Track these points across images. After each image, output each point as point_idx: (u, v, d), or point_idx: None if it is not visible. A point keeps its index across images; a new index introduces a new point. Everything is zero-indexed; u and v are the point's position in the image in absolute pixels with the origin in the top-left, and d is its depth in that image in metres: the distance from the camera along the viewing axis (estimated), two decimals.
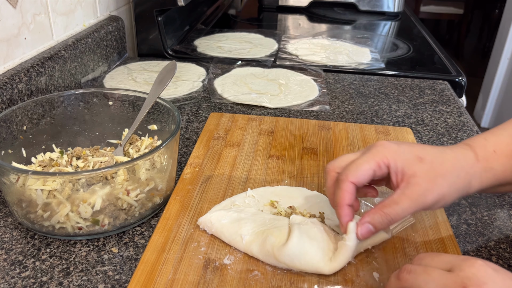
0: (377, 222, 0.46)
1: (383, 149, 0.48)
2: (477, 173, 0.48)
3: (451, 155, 0.48)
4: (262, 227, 0.51)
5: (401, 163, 0.47)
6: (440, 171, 0.46)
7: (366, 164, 0.47)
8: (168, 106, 0.63)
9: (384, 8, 1.72)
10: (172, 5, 1.11)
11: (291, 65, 1.13)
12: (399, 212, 0.45)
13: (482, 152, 0.49)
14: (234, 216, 0.53)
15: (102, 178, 0.51)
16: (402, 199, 0.45)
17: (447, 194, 0.47)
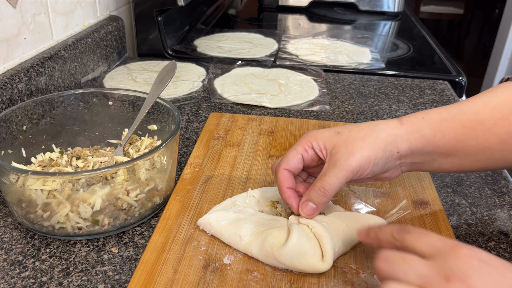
0: (314, 198, 0.49)
1: (306, 135, 0.53)
2: (401, 134, 0.50)
3: (370, 123, 0.52)
4: (261, 228, 0.51)
5: (322, 140, 0.51)
6: (357, 136, 0.50)
7: (293, 150, 0.53)
8: (168, 106, 0.63)
9: (384, 8, 1.72)
10: (172, 5, 1.11)
11: (291, 65, 1.13)
12: (330, 182, 0.49)
13: (407, 119, 0.52)
14: (233, 217, 0.53)
15: (102, 178, 0.51)
16: (328, 169, 0.49)
17: (371, 155, 0.49)
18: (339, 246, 0.48)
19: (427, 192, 0.61)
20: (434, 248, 0.36)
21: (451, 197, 0.64)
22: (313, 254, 0.47)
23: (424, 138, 0.50)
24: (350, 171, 0.49)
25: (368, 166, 0.49)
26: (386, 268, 0.37)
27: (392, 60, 1.21)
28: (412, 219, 0.56)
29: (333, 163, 0.49)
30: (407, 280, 0.35)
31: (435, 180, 0.67)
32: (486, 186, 0.67)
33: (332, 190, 0.49)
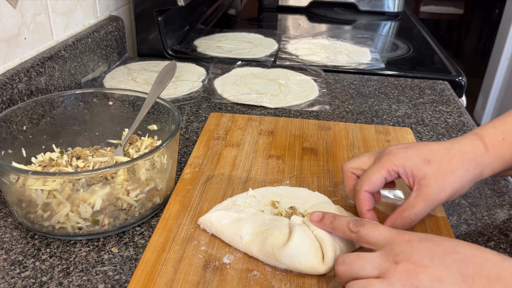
0: (399, 225, 0.51)
1: (392, 157, 0.52)
2: (487, 163, 0.51)
3: (458, 150, 0.51)
4: (261, 228, 0.51)
5: (410, 168, 0.51)
6: (449, 169, 0.50)
7: (377, 173, 0.52)
8: (168, 106, 0.63)
9: (384, 8, 1.72)
10: (172, 5, 1.11)
11: (291, 65, 1.13)
12: (417, 213, 0.50)
13: (491, 141, 0.52)
14: (234, 216, 0.53)
15: (102, 178, 0.51)
16: (417, 201, 0.50)
17: (459, 188, 0.50)
18: (340, 248, 0.48)
19: None
20: (383, 238, 0.42)
21: None
22: (314, 256, 0.47)
23: (505, 163, 0.52)
24: (438, 204, 0.50)
25: (454, 197, 0.51)
26: (345, 269, 0.42)
27: (392, 60, 1.21)
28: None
29: (423, 196, 0.50)
30: (365, 273, 0.40)
31: None
32: (486, 186, 0.67)
33: (418, 220, 0.51)
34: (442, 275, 0.37)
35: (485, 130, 0.53)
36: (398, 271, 0.38)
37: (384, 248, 0.41)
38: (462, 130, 0.83)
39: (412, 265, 0.38)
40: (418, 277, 0.37)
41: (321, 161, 0.68)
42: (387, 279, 0.38)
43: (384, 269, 0.39)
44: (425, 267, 0.38)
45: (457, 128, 0.84)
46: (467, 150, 0.51)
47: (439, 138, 0.80)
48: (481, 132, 0.53)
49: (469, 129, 0.84)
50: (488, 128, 0.54)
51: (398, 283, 0.38)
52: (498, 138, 0.52)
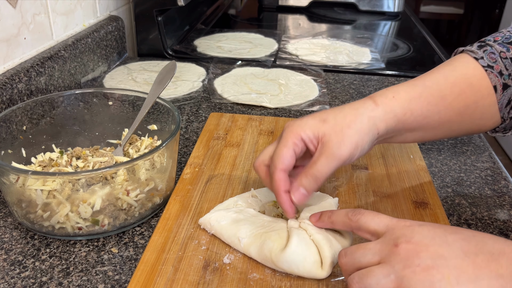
0: (306, 184, 0.50)
1: (291, 128, 0.52)
2: (379, 116, 0.52)
3: (350, 108, 0.53)
4: (260, 230, 0.50)
5: (310, 130, 0.51)
6: (344, 123, 0.51)
7: (284, 148, 0.51)
8: (168, 106, 0.63)
9: (384, 8, 1.72)
10: (172, 5, 1.11)
11: (291, 65, 1.12)
12: (320, 169, 0.49)
13: (380, 99, 0.54)
14: (233, 217, 0.52)
15: (102, 178, 0.51)
16: (320, 158, 0.50)
17: (359, 141, 0.51)
18: (338, 251, 0.48)
19: (427, 192, 0.61)
20: (384, 225, 0.42)
21: (451, 197, 0.64)
22: (312, 261, 0.46)
23: (396, 118, 0.53)
24: (341, 160, 0.50)
25: (357, 152, 0.51)
26: (347, 260, 0.42)
27: (392, 60, 1.21)
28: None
29: (324, 151, 0.50)
30: (366, 261, 0.40)
31: (435, 180, 0.67)
32: (486, 186, 0.67)
33: (323, 178, 0.50)
34: (444, 252, 0.37)
35: (376, 93, 0.55)
36: (398, 253, 0.38)
37: (384, 234, 0.41)
38: None
39: (413, 245, 0.38)
40: (419, 256, 0.37)
41: None
42: (387, 262, 0.38)
43: (384, 254, 0.39)
44: (426, 246, 0.38)
45: None
46: (358, 106, 0.53)
47: None
48: (372, 95, 0.55)
49: None
50: (380, 92, 0.55)
51: (399, 265, 0.37)
52: (388, 96, 0.54)
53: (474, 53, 0.56)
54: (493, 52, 0.55)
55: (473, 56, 0.55)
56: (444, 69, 0.56)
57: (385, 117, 0.53)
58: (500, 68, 0.54)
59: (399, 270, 0.37)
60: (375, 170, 0.66)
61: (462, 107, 0.55)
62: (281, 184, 0.50)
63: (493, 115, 0.56)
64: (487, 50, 0.55)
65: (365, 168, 0.67)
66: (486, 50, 0.55)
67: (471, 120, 0.56)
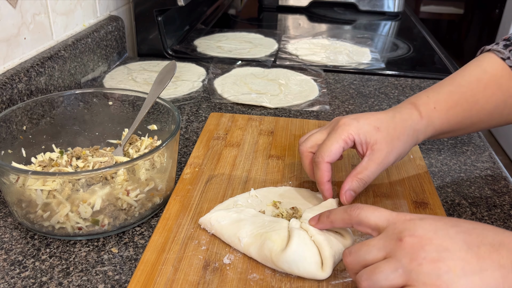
0: (355, 187, 0.56)
1: (347, 127, 0.56)
2: (422, 129, 0.59)
3: (400, 119, 0.58)
4: (260, 230, 0.50)
5: (363, 135, 0.56)
6: (395, 135, 0.56)
7: (336, 143, 0.55)
8: (168, 106, 0.63)
9: (384, 8, 1.72)
10: (172, 5, 1.11)
11: (291, 65, 1.12)
12: (370, 175, 0.56)
13: (425, 109, 0.59)
14: (233, 217, 0.52)
15: (102, 178, 0.51)
16: (370, 164, 0.56)
17: (403, 151, 0.58)
18: (340, 252, 0.48)
19: (427, 192, 0.61)
20: (385, 219, 0.42)
21: (451, 197, 0.64)
22: (313, 262, 0.46)
23: (435, 129, 0.60)
24: (388, 166, 0.57)
25: (399, 158, 0.58)
26: (352, 258, 0.42)
27: (392, 60, 1.21)
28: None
29: (375, 159, 0.55)
30: (371, 257, 0.40)
31: (435, 180, 0.67)
32: (486, 186, 0.67)
33: (370, 181, 0.56)
34: (448, 244, 0.38)
35: (420, 99, 0.60)
36: (403, 247, 0.39)
37: (386, 229, 0.41)
38: None
39: (417, 238, 0.39)
40: (425, 249, 0.38)
41: None
42: (393, 257, 0.39)
43: (389, 248, 0.39)
44: (430, 239, 0.38)
45: None
46: (406, 118, 0.58)
47: (439, 138, 0.80)
48: (416, 101, 0.60)
49: None
50: (422, 97, 0.60)
51: (405, 259, 0.38)
52: (430, 107, 0.59)
53: (501, 53, 0.59)
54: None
55: (500, 57, 0.59)
56: (475, 70, 0.60)
57: (426, 129, 0.59)
58: None
59: (406, 264, 0.38)
60: None
61: (492, 108, 0.59)
62: (325, 175, 0.56)
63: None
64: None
65: None
66: (511, 50, 0.59)
67: (499, 117, 0.60)
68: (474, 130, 0.64)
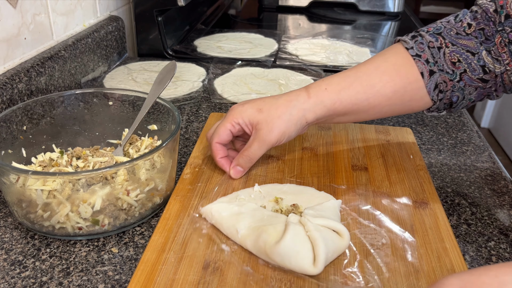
0: (242, 163, 0.63)
1: (232, 112, 0.63)
2: (309, 107, 0.61)
3: (284, 99, 0.62)
4: (258, 223, 0.51)
5: (247, 117, 0.62)
6: (276, 114, 0.61)
7: (222, 127, 0.63)
8: (168, 106, 0.63)
9: (384, 8, 1.72)
10: (172, 5, 1.11)
11: (291, 65, 1.13)
12: (253, 151, 0.62)
13: (314, 90, 0.62)
14: (234, 210, 0.53)
15: (102, 178, 0.51)
16: (253, 142, 0.62)
17: (286, 130, 0.61)
18: (334, 250, 0.48)
19: (427, 192, 0.61)
20: None
21: (451, 197, 0.64)
22: (305, 257, 0.46)
23: (326, 107, 0.62)
24: (270, 144, 0.61)
25: (283, 138, 0.62)
26: None
27: None
28: (412, 220, 0.56)
29: (257, 137, 0.61)
30: None
31: (435, 180, 0.67)
32: (486, 186, 0.67)
33: (256, 157, 0.62)
34: None
35: (313, 84, 0.63)
36: None
37: None
38: (462, 130, 0.83)
39: None
40: None
41: (321, 161, 0.68)
42: None
43: None
44: None
45: (457, 128, 0.84)
46: (292, 98, 0.62)
47: (439, 138, 0.80)
48: (309, 85, 0.63)
49: (469, 129, 0.84)
50: (317, 82, 0.64)
51: None
52: (321, 88, 0.62)
53: (406, 43, 0.64)
54: (422, 42, 0.62)
55: (405, 46, 0.63)
56: (377, 59, 0.64)
57: (314, 108, 0.62)
58: (427, 57, 0.61)
59: None
60: (375, 170, 0.66)
61: (390, 93, 0.62)
62: (217, 153, 0.64)
63: (422, 97, 0.62)
64: (418, 40, 0.63)
65: (365, 168, 0.67)
66: (416, 41, 0.63)
67: (401, 102, 0.63)
68: (377, 114, 0.64)
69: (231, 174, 0.63)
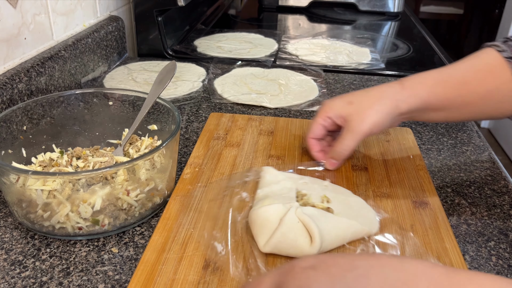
0: (335, 155, 0.64)
1: (323, 107, 0.65)
2: (403, 98, 0.61)
3: (376, 90, 0.63)
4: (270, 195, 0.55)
5: (338, 111, 0.64)
6: (367, 105, 0.62)
7: (314, 122, 0.66)
8: (168, 106, 0.63)
9: (384, 8, 1.72)
10: (172, 5, 1.11)
11: (291, 65, 1.13)
12: (347, 144, 0.62)
13: (409, 83, 0.62)
14: (279, 177, 0.59)
15: (102, 178, 0.51)
16: (345, 134, 0.63)
17: (378, 120, 0.61)
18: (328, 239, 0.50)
19: (427, 192, 0.61)
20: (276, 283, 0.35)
21: (451, 197, 0.64)
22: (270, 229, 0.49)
23: (420, 100, 0.61)
24: (362, 134, 0.62)
25: (376, 128, 0.62)
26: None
27: (392, 60, 1.21)
28: (412, 220, 0.56)
29: (349, 129, 0.62)
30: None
31: (435, 180, 0.67)
32: (486, 186, 0.67)
33: (349, 150, 0.63)
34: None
35: (405, 78, 0.63)
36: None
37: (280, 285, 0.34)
38: (462, 130, 0.83)
39: None
40: None
41: None
42: None
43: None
44: None
45: (457, 128, 0.84)
46: (384, 89, 0.63)
47: (439, 138, 0.80)
48: (401, 80, 0.63)
49: (469, 129, 0.84)
50: (408, 77, 0.63)
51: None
52: (416, 81, 0.62)
53: (498, 47, 0.63)
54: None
55: (497, 49, 0.62)
56: (470, 59, 0.63)
57: (408, 99, 0.61)
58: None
59: None
60: (375, 170, 0.66)
61: (483, 91, 0.61)
62: (312, 147, 0.67)
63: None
64: (510, 44, 0.62)
65: (365, 168, 0.67)
66: (509, 45, 0.62)
67: (492, 103, 0.62)
68: (469, 114, 0.64)
69: (326, 166, 0.65)
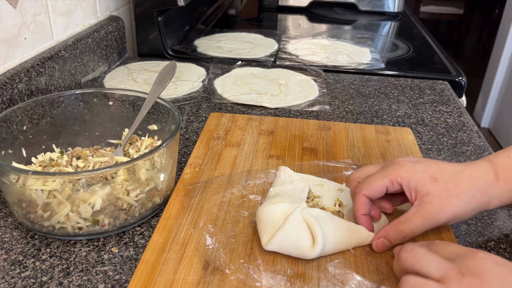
0: (391, 238, 0.49)
1: (399, 168, 0.50)
2: (496, 194, 0.49)
3: (468, 175, 0.49)
4: (281, 194, 0.55)
5: (415, 182, 0.49)
6: (454, 191, 0.48)
7: (379, 180, 0.50)
8: (168, 106, 0.63)
9: (384, 8, 1.72)
10: (172, 5, 1.11)
11: (291, 65, 1.13)
12: (412, 229, 0.49)
13: (503, 171, 0.50)
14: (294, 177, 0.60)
15: (102, 178, 0.51)
16: (415, 217, 0.48)
17: (461, 213, 0.49)
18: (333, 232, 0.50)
19: None
20: (455, 253, 0.39)
21: None
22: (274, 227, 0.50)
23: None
24: (437, 224, 0.49)
25: (454, 220, 0.49)
26: (410, 257, 0.40)
27: (392, 60, 1.21)
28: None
29: (422, 212, 0.48)
30: (428, 271, 0.38)
31: None
32: None
33: (412, 236, 0.49)
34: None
35: (499, 159, 0.51)
36: (461, 284, 0.36)
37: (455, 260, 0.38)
38: (462, 130, 0.83)
39: (479, 282, 0.36)
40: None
41: (321, 161, 0.68)
42: (447, 286, 0.37)
43: (448, 276, 0.37)
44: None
45: (457, 128, 0.84)
46: (477, 177, 0.49)
47: (439, 138, 0.80)
48: (494, 160, 0.51)
49: (469, 129, 0.84)
50: (502, 156, 0.51)
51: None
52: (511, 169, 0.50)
53: None
54: None
55: None
56: None
57: (502, 195, 0.50)
58: None
59: None
60: None
61: None
62: (360, 208, 0.51)
63: None
64: None
65: None
66: None
67: None
68: None
69: (373, 246, 0.50)
